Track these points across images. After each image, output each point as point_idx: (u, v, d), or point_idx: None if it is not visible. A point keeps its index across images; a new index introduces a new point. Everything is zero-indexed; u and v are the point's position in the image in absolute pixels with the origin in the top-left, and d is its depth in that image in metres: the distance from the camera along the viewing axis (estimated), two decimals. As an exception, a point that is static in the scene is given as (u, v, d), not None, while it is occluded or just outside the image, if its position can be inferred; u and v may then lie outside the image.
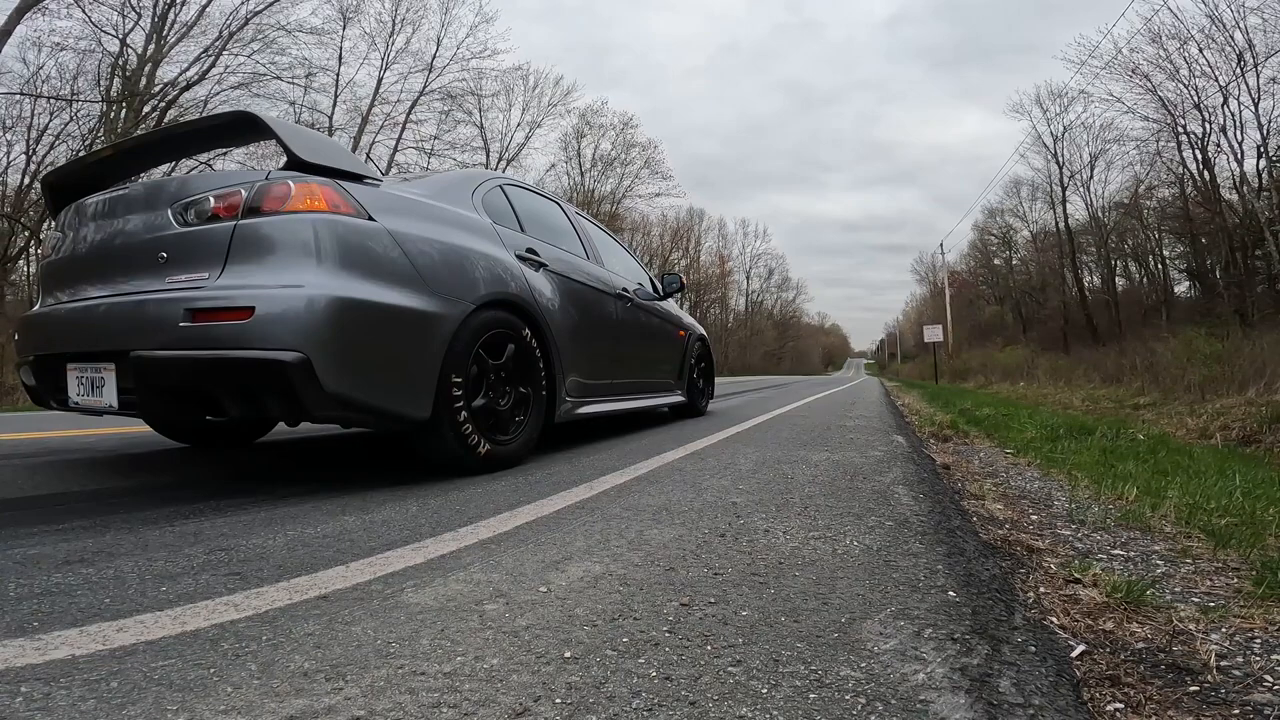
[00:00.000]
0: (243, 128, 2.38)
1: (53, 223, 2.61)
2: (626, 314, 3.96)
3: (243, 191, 2.01)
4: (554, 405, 2.95)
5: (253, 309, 1.84)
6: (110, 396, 2.08)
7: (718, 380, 7.80)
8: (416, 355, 2.19)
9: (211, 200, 2.02)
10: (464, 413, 2.38)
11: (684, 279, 5.39)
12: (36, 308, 2.50)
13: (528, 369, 2.74)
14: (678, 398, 4.94)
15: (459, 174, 3.05)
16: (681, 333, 5.05)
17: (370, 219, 2.15)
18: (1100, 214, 28.62)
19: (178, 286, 1.96)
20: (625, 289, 4.06)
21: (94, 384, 2.13)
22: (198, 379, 1.90)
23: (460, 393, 2.35)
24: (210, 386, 1.94)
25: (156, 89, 13.35)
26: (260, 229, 1.96)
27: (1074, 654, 1.04)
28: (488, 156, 25.09)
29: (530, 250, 2.97)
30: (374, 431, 3.45)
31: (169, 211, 2.07)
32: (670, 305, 5.03)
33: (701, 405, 5.55)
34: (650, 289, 4.70)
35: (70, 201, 2.52)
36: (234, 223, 1.97)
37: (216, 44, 13.95)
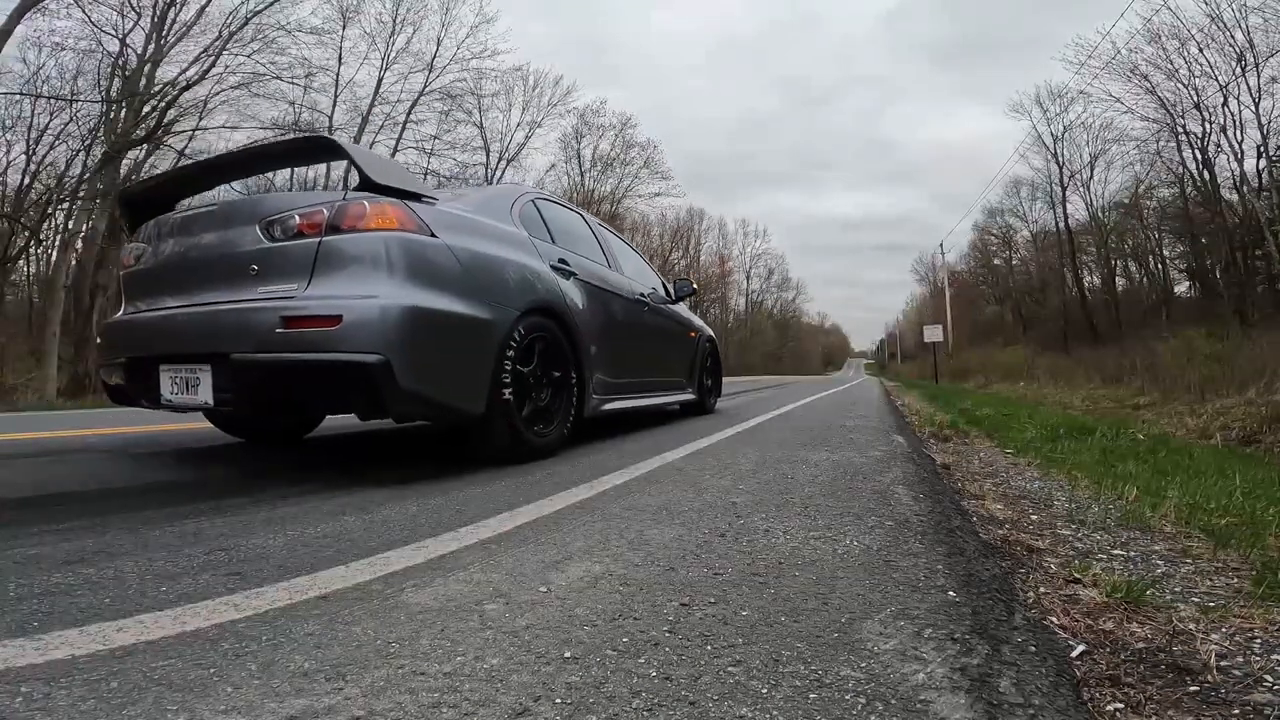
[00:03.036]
0: (320, 150, 2.73)
1: (130, 236, 2.79)
2: (644, 317, 4.20)
3: (325, 211, 2.20)
4: (583, 401, 3.14)
5: (340, 317, 2.02)
6: (205, 394, 2.23)
7: None
8: (474, 357, 2.42)
9: (297, 218, 2.21)
10: (511, 407, 2.59)
11: (695, 284, 5.71)
12: (120, 314, 2.64)
13: (562, 368, 2.96)
14: (689, 395, 5.16)
15: (498, 190, 3.40)
16: (692, 334, 5.29)
17: (433, 235, 2.35)
18: (1100, 214, 28.61)
19: (271, 296, 2.14)
20: (642, 294, 4.29)
21: (188, 384, 2.27)
22: (291, 379, 2.11)
23: (509, 390, 2.56)
24: (302, 386, 2.15)
25: (156, 89, 13.34)
26: (341, 245, 2.16)
27: (1074, 654, 1.04)
28: (487, 156, 25.11)
29: (562, 260, 3.19)
30: (433, 425, 3.70)
31: (257, 228, 2.25)
32: (681, 308, 5.26)
33: (710, 403, 5.76)
34: (663, 293, 4.90)
35: (144, 215, 2.71)
36: (319, 239, 2.16)
37: (216, 44, 13.95)
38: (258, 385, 2.15)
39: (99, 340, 2.79)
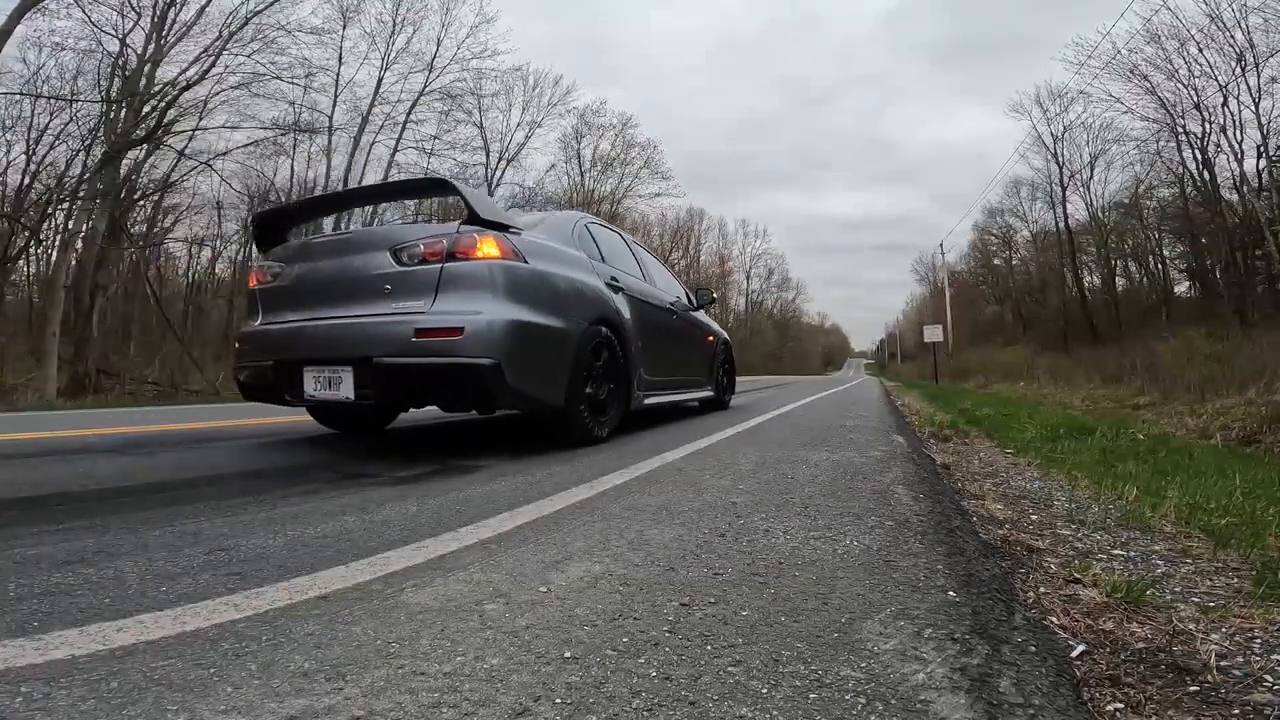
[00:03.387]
0: (435, 187, 3.48)
1: (263, 254, 3.21)
2: (673, 323, 4.78)
3: (444, 242, 2.64)
4: (630, 396, 3.67)
5: (463, 329, 2.49)
6: (347, 391, 2.66)
7: None
8: (557, 360, 2.94)
9: (422, 247, 2.65)
10: (583, 401, 3.12)
11: (714, 294, 6.46)
12: (259, 324, 3.04)
13: (615, 369, 3.48)
14: (708, 392, 5.78)
15: (560, 216, 3.82)
16: (711, 338, 5.92)
17: (525, 261, 2.83)
18: (1100, 214, 28.59)
19: (405, 312, 2.58)
20: (670, 303, 4.85)
21: (331, 382, 2.70)
22: (423, 378, 2.56)
23: (580, 387, 3.09)
24: (430, 383, 2.61)
25: (156, 89, 13.34)
26: (458, 270, 2.60)
27: (1074, 654, 1.04)
28: (487, 156, 25.10)
29: (613, 278, 3.73)
30: (522, 415, 4.26)
31: (388, 254, 2.68)
32: (701, 315, 5.86)
33: (726, 399, 6.41)
34: (686, 301, 5.45)
35: (273, 236, 3.19)
36: (441, 265, 2.60)
37: (216, 44, 13.93)
38: (395, 383, 2.57)
39: (237, 345, 3.18)
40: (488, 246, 2.66)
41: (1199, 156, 21.32)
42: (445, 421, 4.82)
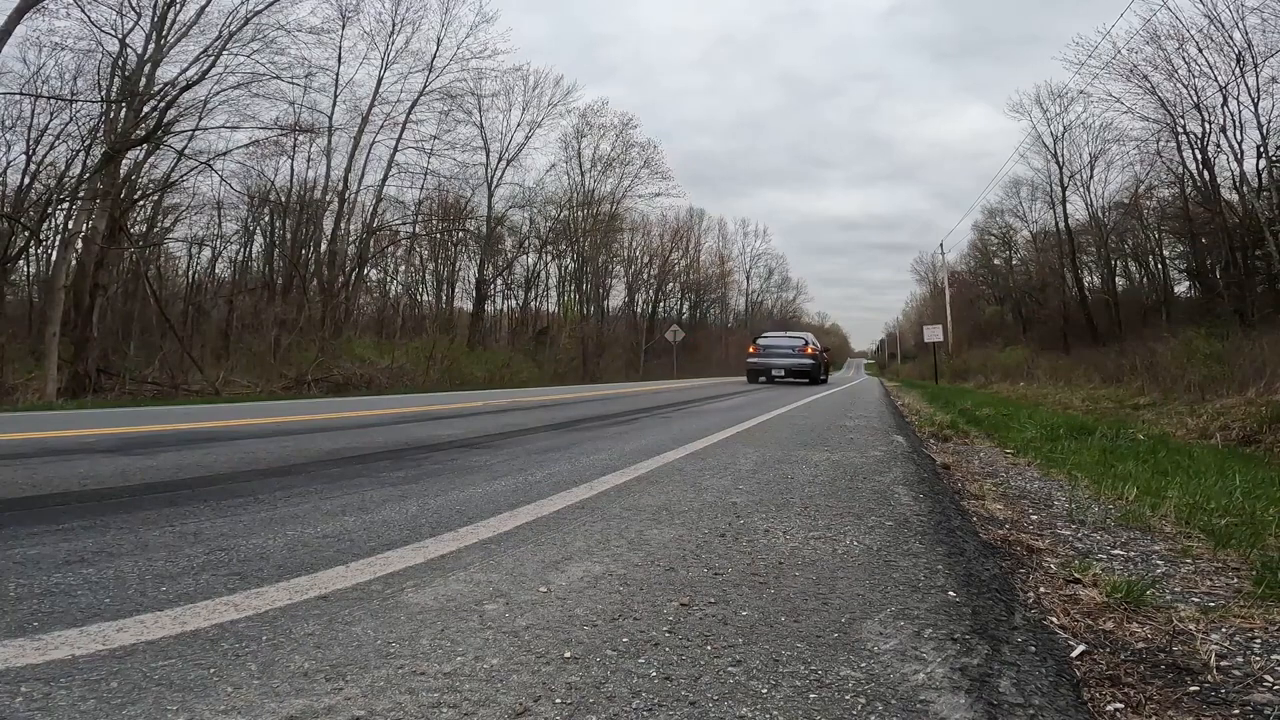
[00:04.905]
0: (799, 328, 30.19)
1: (754, 339, 17.76)
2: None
3: (808, 344, 16.31)
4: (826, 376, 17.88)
5: (816, 364, 16.06)
6: (780, 374, 15.66)
7: (715, 380, 19.36)
8: (816, 367, 16.23)
9: (803, 343, 16.33)
10: (824, 372, 17.62)
11: (827, 350, 21.03)
12: (758, 358, 16.20)
13: (817, 366, 16.41)
14: (821, 377, 16.41)
15: (797, 333, 18.80)
16: (812, 349, 16.23)
17: (821, 351, 17.30)
18: (1100, 214, 28.58)
19: (798, 356, 16.08)
20: (800, 346, 16.86)
21: (784, 370, 15.68)
22: (800, 372, 15.79)
23: (818, 373, 16.36)
24: (801, 374, 15.76)
25: (156, 89, 13.34)
26: (813, 354, 16.17)
27: (1074, 654, 1.04)
28: (487, 156, 25.04)
29: (804, 342, 17.29)
30: (808, 381, 15.63)
31: (795, 344, 16.37)
32: (815, 344, 16.98)
33: (823, 378, 16.99)
34: (805, 341, 16.75)
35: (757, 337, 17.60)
36: (806, 347, 16.25)
37: (216, 44, 13.92)
38: (792, 373, 15.62)
39: (749, 356, 16.64)
40: (814, 348, 16.15)
41: (1199, 156, 21.32)
42: (452, 438, 4.83)
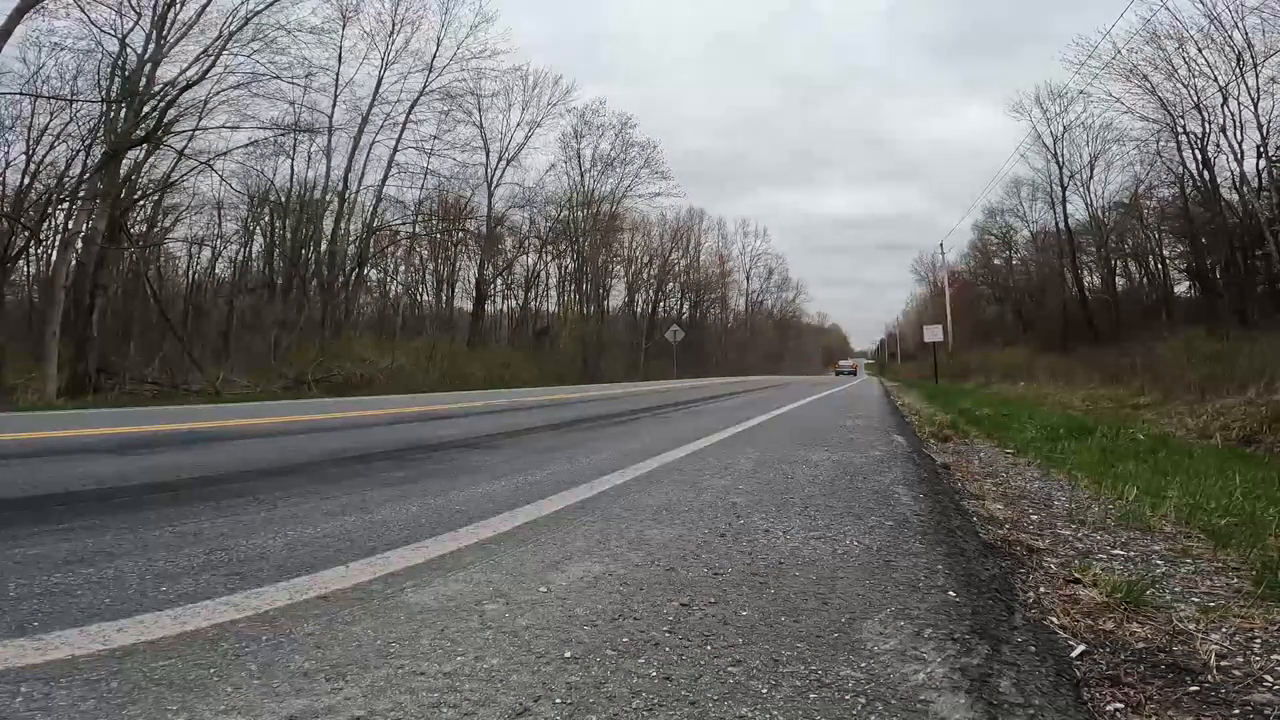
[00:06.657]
0: (850, 359, 66.68)
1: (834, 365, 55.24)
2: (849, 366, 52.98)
3: (854, 361, 54.15)
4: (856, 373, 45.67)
5: (856, 369, 46.41)
6: (844, 372, 49.18)
7: (715, 380, 19.34)
8: (854, 374, 42.30)
9: (852, 362, 54.67)
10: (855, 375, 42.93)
11: (855, 364, 56.40)
12: (840, 369, 50.22)
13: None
14: (862, 376, 35.84)
15: (848, 360, 55.34)
16: (854, 364, 50.71)
17: (853, 363, 54.02)
18: (1100, 214, 28.58)
19: (849, 368, 49.88)
20: (851, 364, 53.54)
21: (849, 370, 46.66)
22: (850, 373, 40.20)
23: (859, 376, 41.80)
24: (851, 373, 40.18)
25: (156, 89, 13.33)
26: (854, 367, 48.25)
27: (1074, 654, 1.04)
28: (487, 156, 25.02)
29: (844, 361, 58.62)
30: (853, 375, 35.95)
31: (848, 364, 51.78)
32: (853, 361, 54.29)
33: (855, 376, 36.51)
34: (852, 361, 54.82)
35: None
36: (855, 369, 45.90)
37: (216, 44, 13.91)
38: (845, 372, 43.76)
39: (834, 369, 50.07)
40: (856, 365, 48.94)
41: (1199, 156, 21.30)
42: (452, 438, 4.83)
